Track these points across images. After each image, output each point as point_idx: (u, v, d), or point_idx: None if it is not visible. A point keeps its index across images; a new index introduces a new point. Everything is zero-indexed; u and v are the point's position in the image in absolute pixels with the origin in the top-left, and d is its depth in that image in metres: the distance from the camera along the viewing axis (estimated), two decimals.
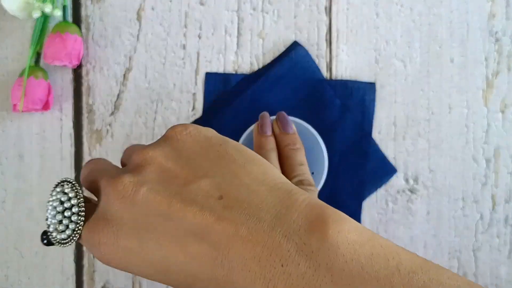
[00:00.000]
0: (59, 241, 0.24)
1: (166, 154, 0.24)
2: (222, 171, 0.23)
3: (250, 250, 0.20)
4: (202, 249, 0.21)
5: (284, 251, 0.20)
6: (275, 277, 0.20)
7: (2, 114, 0.44)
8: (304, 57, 0.43)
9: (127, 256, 0.23)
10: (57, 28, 0.42)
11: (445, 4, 0.44)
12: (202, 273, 0.21)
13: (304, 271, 0.19)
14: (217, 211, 0.21)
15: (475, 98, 0.44)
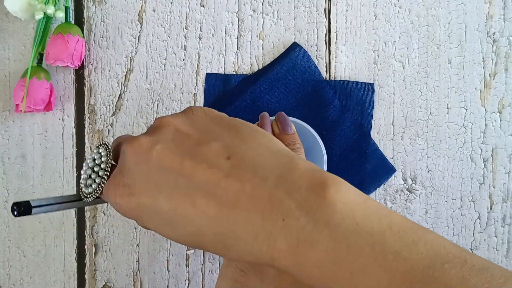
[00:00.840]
0: (86, 195, 0.27)
1: (180, 121, 0.26)
2: (231, 137, 0.24)
3: (254, 205, 0.21)
4: (210, 204, 0.22)
5: (286, 206, 0.21)
6: (276, 230, 0.21)
7: (5, 114, 0.45)
8: (303, 58, 0.44)
9: (140, 208, 0.24)
10: (59, 29, 0.42)
11: (443, 6, 0.44)
12: (208, 227, 0.23)
13: (303, 225, 0.21)
14: (224, 169, 0.22)
15: (473, 99, 0.44)
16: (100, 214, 0.45)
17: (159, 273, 0.44)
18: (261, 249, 0.22)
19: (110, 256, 0.45)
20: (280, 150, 0.24)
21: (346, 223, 0.21)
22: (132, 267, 0.45)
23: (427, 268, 0.20)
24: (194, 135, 0.25)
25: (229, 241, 0.23)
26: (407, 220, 0.22)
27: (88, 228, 0.45)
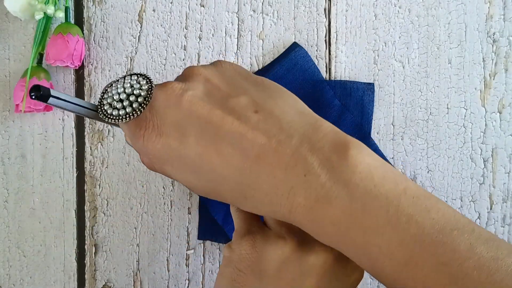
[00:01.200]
0: (107, 114, 0.26)
1: (211, 72, 0.26)
2: (259, 93, 0.25)
3: (277, 160, 0.22)
4: (235, 154, 0.23)
5: (309, 163, 0.22)
6: (297, 185, 0.22)
7: (5, 114, 0.45)
8: (303, 58, 0.44)
9: (165, 151, 0.25)
10: (59, 29, 0.42)
11: (443, 6, 0.44)
12: (230, 176, 0.23)
13: (323, 182, 0.22)
14: (252, 122, 0.23)
15: (473, 99, 0.44)
16: (100, 214, 0.45)
17: (159, 273, 0.44)
18: (280, 202, 0.23)
19: (110, 256, 0.45)
20: (305, 110, 0.25)
21: (364, 184, 0.22)
22: (132, 267, 0.45)
23: (437, 233, 0.21)
24: (223, 88, 0.25)
25: (249, 192, 0.24)
26: (421, 188, 0.23)
27: (88, 228, 0.45)
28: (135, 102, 0.26)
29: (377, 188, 0.22)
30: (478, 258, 0.21)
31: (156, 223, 0.45)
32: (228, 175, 0.24)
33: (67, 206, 0.45)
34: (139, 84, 0.26)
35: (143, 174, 0.44)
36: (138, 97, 0.26)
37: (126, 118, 0.26)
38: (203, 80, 0.26)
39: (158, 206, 0.45)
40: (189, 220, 0.44)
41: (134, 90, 0.26)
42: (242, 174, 0.23)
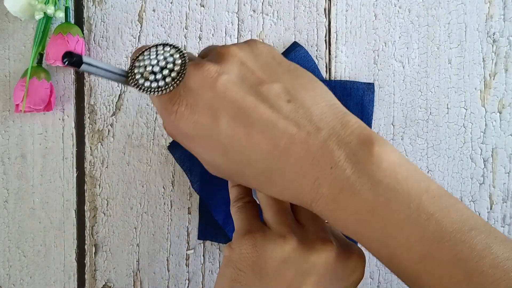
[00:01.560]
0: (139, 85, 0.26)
1: (246, 54, 0.26)
2: (292, 81, 0.26)
3: (305, 150, 0.23)
4: (265, 141, 0.24)
5: (335, 157, 0.23)
6: (322, 177, 0.23)
7: (5, 114, 0.45)
8: (304, 57, 0.44)
9: (196, 130, 0.25)
10: (59, 29, 0.42)
11: (443, 6, 0.44)
12: (258, 162, 0.24)
13: (348, 176, 0.23)
14: (284, 112, 0.24)
15: (473, 99, 0.44)
16: (100, 214, 0.45)
17: (159, 273, 0.44)
18: (304, 191, 0.24)
19: (110, 256, 0.45)
20: (335, 104, 0.26)
21: (387, 181, 0.23)
22: (132, 267, 0.45)
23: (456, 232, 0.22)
24: (258, 73, 0.26)
25: (274, 177, 0.25)
26: (442, 188, 0.24)
27: (88, 228, 0.45)
28: (168, 77, 0.26)
29: (399, 184, 0.23)
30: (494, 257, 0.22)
31: (156, 223, 0.45)
32: (256, 160, 0.24)
33: (67, 206, 0.45)
34: (172, 57, 0.26)
35: (143, 174, 0.44)
36: (171, 72, 0.26)
37: (159, 91, 0.25)
38: (238, 63, 0.26)
39: (158, 206, 0.45)
40: (189, 220, 0.44)
41: (168, 64, 0.26)
42: (270, 160, 0.24)
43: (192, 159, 0.44)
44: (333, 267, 0.28)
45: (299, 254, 0.28)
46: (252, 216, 0.32)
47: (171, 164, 0.44)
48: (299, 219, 0.30)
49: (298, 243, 0.28)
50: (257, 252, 0.29)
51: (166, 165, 0.44)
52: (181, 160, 0.44)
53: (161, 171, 0.44)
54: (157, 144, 0.44)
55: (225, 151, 0.25)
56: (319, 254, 0.27)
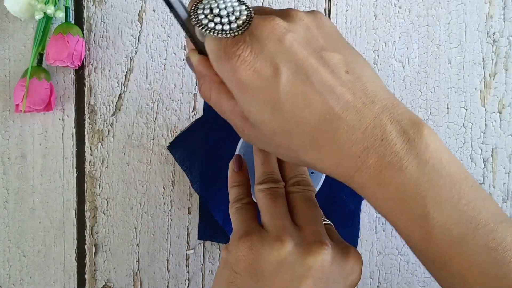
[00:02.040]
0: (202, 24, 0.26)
1: (311, 21, 0.27)
2: (351, 57, 0.26)
3: (359, 119, 0.24)
4: (321, 102, 0.24)
5: (387, 131, 0.24)
6: (372, 147, 0.24)
7: (5, 114, 0.45)
8: None
9: (254, 79, 0.25)
10: (59, 29, 0.42)
11: (443, 6, 0.44)
12: (310, 121, 0.25)
13: (397, 151, 0.24)
14: (342, 79, 0.25)
15: (473, 99, 0.44)
16: (100, 214, 0.45)
17: (159, 273, 0.44)
18: (350, 158, 0.25)
19: (110, 256, 0.45)
20: (385, 87, 0.27)
21: (433, 162, 0.24)
22: (132, 267, 0.45)
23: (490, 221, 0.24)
24: (321, 40, 0.26)
25: (322, 141, 0.25)
26: (477, 182, 0.25)
27: (88, 228, 0.45)
28: (233, 23, 0.25)
29: (444, 168, 0.24)
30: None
31: (156, 223, 0.45)
32: (308, 119, 0.25)
33: (67, 206, 0.45)
34: (238, 7, 0.26)
35: (143, 174, 0.44)
36: (237, 19, 0.26)
37: (223, 33, 0.25)
38: (305, 27, 0.26)
39: (158, 206, 0.45)
40: (189, 220, 0.45)
41: (234, 12, 0.26)
42: (321, 122, 0.24)
43: (192, 159, 0.44)
44: (329, 270, 0.28)
45: (295, 257, 0.28)
46: (250, 218, 0.32)
47: (171, 164, 0.44)
48: (296, 221, 0.30)
49: (294, 246, 0.28)
50: (254, 255, 0.29)
51: (166, 165, 0.44)
52: (181, 160, 0.44)
53: (161, 171, 0.44)
54: (157, 144, 0.44)
55: (277, 107, 0.25)
56: (315, 257, 0.27)
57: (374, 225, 0.44)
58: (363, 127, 0.24)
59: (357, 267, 0.29)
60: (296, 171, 0.34)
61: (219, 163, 0.43)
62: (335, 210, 0.43)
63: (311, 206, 0.31)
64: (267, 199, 0.31)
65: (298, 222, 0.30)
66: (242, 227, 0.31)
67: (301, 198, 0.32)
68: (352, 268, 0.29)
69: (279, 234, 0.29)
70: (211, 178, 0.44)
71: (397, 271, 0.44)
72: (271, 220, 0.30)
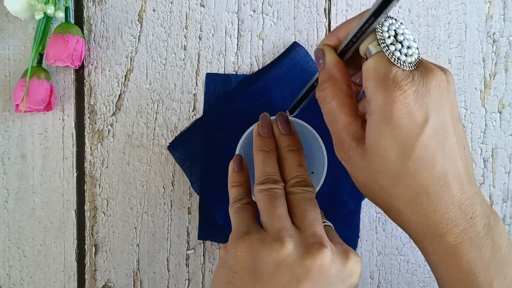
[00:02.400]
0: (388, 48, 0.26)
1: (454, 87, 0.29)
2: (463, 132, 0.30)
3: (460, 194, 0.27)
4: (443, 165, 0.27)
5: (477, 211, 0.28)
6: (462, 220, 0.27)
7: (5, 114, 0.45)
8: (304, 57, 0.44)
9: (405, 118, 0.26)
10: (59, 29, 0.42)
11: (443, 6, 0.44)
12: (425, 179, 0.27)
13: (479, 231, 0.28)
14: (462, 152, 0.28)
15: (473, 99, 0.44)
16: (100, 214, 0.45)
17: (159, 273, 0.44)
18: (439, 223, 0.27)
19: (110, 256, 0.45)
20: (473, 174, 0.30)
21: (504, 250, 0.28)
22: (132, 267, 0.45)
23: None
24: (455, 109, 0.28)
25: (424, 199, 0.27)
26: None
27: (88, 228, 0.45)
28: (409, 56, 0.27)
29: (510, 256, 0.28)
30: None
31: (156, 223, 0.45)
32: (425, 176, 0.27)
33: (67, 206, 0.45)
34: (413, 42, 0.27)
35: (143, 174, 0.44)
36: (411, 55, 0.27)
37: (399, 62, 0.26)
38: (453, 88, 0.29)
39: (158, 206, 0.45)
40: (189, 220, 0.44)
41: (412, 46, 0.27)
42: (433, 184, 0.27)
43: (192, 159, 0.44)
44: (328, 272, 0.28)
45: (294, 259, 0.28)
46: (249, 218, 0.32)
47: (171, 164, 0.44)
48: (295, 222, 0.30)
49: (294, 247, 0.28)
50: (252, 255, 0.29)
51: (166, 165, 0.44)
52: (181, 160, 0.44)
53: (161, 171, 0.44)
54: (157, 144, 0.44)
55: (408, 151, 0.26)
56: (314, 259, 0.27)
57: (374, 225, 0.44)
58: (461, 201, 0.27)
59: (356, 269, 0.29)
60: (296, 171, 0.34)
61: (219, 163, 0.43)
62: (335, 210, 0.43)
63: (311, 207, 0.31)
64: (266, 200, 0.31)
65: (298, 223, 0.30)
66: (241, 227, 0.31)
67: (300, 199, 0.32)
68: (351, 270, 0.29)
69: (279, 235, 0.29)
70: (211, 178, 0.44)
71: (397, 271, 0.44)
72: (270, 221, 0.30)
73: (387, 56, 0.26)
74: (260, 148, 0.36)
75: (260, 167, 0.34)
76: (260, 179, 0.33)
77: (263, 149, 0.35)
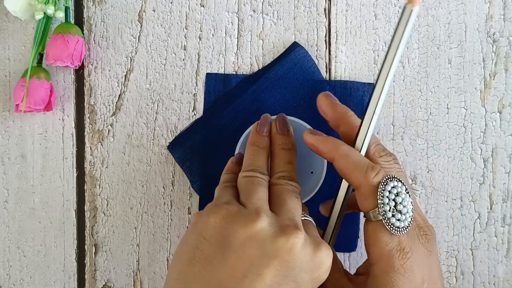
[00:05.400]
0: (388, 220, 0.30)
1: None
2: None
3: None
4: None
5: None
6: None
7: (5, 114, 0.45)
8: (304, 58, 0.44)
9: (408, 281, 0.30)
10: (59, 29, 0.42)
11: (443, 6, 0.44)
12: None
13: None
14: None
15: (473, 99, 0.44)
16: (100, 214, 0.45)
17: (159, 273, 0.44)
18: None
19: (110, 256, 0.45)
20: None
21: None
22: (132, 267, 0.45)
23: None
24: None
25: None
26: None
27: (88, 228, 0.45)
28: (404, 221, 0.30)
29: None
30: None
31: (156, 223, 0.45)
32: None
33: (67, 206, 0.45)
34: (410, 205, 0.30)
35: (143, 174, 0.44)
36: (406, 219, 0.30)
37: (394, 229, 0.29)
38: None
39: (158, 206, 0.45)
40: (189, 220, 0.44)
41: (408, 212, 0.30)
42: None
43: (192, 159, 0.44)
44: (298, 256, 0.27)
45: (266, 235, 0.27)
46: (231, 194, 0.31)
47: (171, 164, 0.44)
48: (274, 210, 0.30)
49: (268, 224, 0.28)
50: (226, 224, 0.28)
51: (166, 165, 0.44)
52: (181, 160, 0.44)
53: (161, 171, 0.44)
54: (157, 144, 0.44)
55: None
56: (286, 238, 0.27)
57: None
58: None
59: (325, 262, 0.29)
60: (284, 167, 0.34)
61: (219, 163, 0.43)
62: None
63: (292, 198, 0.31)
64: (248, 184, 0.31)
65: (276, 211, 0.30)
66: (222, 197, 0.31)
67: (282, 190, 0.32)
68: (322, 261, 0.29)
69: (256, 211, 0.28)
70: (211, 178, 0.44)
71: None
72: (249, 200, 0.30)
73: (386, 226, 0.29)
74: (253, 143, 0.35)
75: (249, 158, 0.34)
76: (246, 168, 0.33)
77: (256, 144, 0.35)
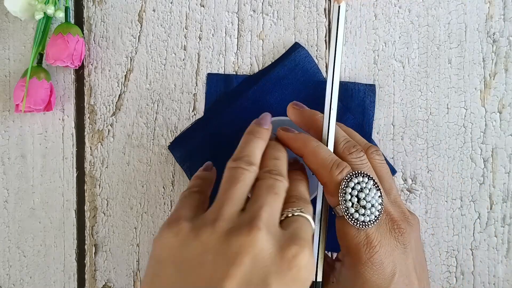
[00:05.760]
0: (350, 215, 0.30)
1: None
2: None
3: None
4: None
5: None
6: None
7: (5, 114, 0.45)
8: (305, 58, 0.44)
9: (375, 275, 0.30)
10: (59, 29, 0.42)
11: (443, 6, 0.44)
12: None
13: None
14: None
15: (473, 99, 0.44)
16: (100, 214, 0.45)
17: None
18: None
19: (110, 256, 0.45)
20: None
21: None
22: (132, 267, 0.45)
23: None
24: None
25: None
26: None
27: (88, 228, 0.45)
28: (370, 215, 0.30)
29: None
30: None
31: (156, 223, 0.45)
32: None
33: (67, 206, 0.45)
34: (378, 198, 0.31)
35: (143, 174, 0.44)
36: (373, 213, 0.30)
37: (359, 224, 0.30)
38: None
39: (158, 206, 0.45)
40: None
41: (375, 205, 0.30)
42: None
43: (192, 159, 0.44)
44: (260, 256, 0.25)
45: (221, 241, 0.25)
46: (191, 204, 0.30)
47: (171, 164, 0.44)
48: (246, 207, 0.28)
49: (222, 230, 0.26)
50: (179, 242, 0.26)
51: (166, 165, 0.44)
52: (181, 160, 0.44)
53: (161, 171, 0.44)
54: (157, 144, 0.44)
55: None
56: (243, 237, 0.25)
57: None
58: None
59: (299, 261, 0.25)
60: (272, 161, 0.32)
61: (219, 163, 0.43)
62: None
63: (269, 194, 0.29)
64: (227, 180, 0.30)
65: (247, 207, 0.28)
66: (176, 213, 0.29)
67: (262, 185, 0.30)
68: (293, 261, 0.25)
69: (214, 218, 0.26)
70: None
71: None
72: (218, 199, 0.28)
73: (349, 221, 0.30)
74: (250, 132, 0.33)
75: (241, 146, 0.32)
76: (234, 156, 0.31)
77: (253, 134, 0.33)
